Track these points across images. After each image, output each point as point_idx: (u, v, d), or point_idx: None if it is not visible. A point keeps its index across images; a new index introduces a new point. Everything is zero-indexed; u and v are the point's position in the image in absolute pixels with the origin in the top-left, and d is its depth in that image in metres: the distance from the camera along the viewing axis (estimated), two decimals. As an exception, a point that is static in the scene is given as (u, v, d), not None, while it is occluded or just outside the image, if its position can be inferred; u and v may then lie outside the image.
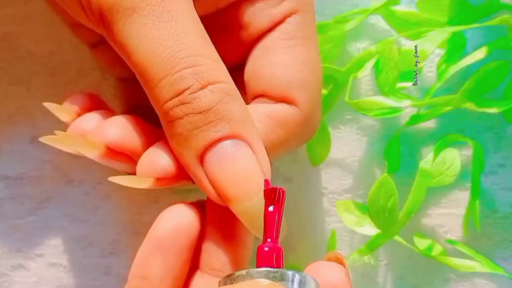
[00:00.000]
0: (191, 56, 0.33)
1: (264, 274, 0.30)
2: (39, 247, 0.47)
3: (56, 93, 0.46)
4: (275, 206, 0.32)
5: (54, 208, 0.47)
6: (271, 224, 0.32)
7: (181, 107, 0.32)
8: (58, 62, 0.47)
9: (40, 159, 0.47)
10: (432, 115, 0.44)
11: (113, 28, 0.34)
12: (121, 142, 0.36)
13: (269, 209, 0.32)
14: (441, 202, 0.46)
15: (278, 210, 0.32)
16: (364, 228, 0.44)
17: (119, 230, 0.47)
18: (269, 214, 0.32)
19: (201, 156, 0.33)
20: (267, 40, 0.38)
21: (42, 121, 0.46)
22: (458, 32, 0.43)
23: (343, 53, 0.46)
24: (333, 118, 0.46)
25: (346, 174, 0.47)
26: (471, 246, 0.45)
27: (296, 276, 0.30)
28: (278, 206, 0.32)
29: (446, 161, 0.41)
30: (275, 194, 0.32)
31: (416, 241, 0.45)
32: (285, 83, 0.37)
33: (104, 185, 0.47)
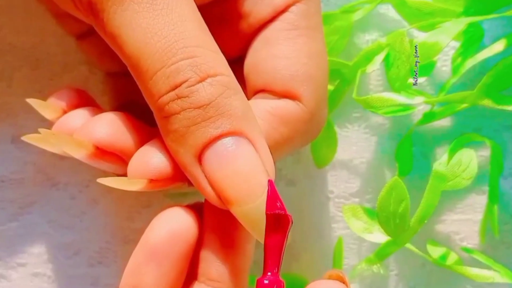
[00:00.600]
0: (188, 46, 0.32)
1: None
2: (21, 256, 0.47)
3: (39, 89, 0.46)
4: (278, 235, 0.32)
5: (37, 214, 0.47)
6: (273, 255, 0.32)
7: (178, 102, 0.32)
8: (41, 55, 0.47)
9: (22, 160, 0.46)
10: (447, 112, 0.44)
11: (103, 16, 0.33)
12: (111, 141, 0.36)
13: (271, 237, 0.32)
14: (457, 207, 0.46)
15: (282, 240, 0.32)
16: (373, 235, 0.44)
17: (107, 237, 0.47)
18: (271, 243, 0.32)
19: (199, 154, 0.33)
20: (269, 31, 0.38)
21: (24, 119, 0.46)
22: (475, 23, 0.43)
23: (351, 45, 0.46)
24: (340, 116, 0.46)
25: (354, 177, 0.47)
26: (488, 255, 0.45)
27: None
28: (282, 234, 0.32)
29: (462, 162, 0.41)
30: (279, 221, 0.32)
31: (429, 249, 0.45)
32: (288, 77, 0.37)
33: (91, 188, 0.47)
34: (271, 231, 0.32)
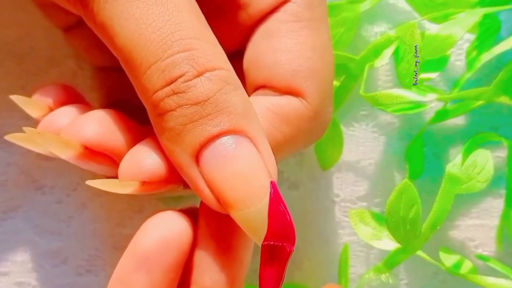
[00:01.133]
0: (185, 38, 0.32)
1: None
2: (3, 264, 0.47)
3: (24, 85, 0.46)
4: (276, 266, 0.32)
5: (21, 219, 0.47)
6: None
7: (174, 98, 0.32)
8: (26, 49, 0.46)
9: (5, 161, 0.46)
10: (461, 110, 0.44)
11: (93, 6, 0.33)
12: (100, 141, 0.36)
13: (267, 270, 0.32)
14: (471, 212, 0.46)
15: (280, 272, 0.32)
16: (381, 242, 0.44)
17: (96, 244, 0.47)
18: (267, 276, 0.32)
19: (197, 154, 0.32)
20: (270, 23, 0.38)
21: (7, 118, 0.46)
22: (491, 14, 0.43)
23: (358, 38, 0.46)
24: (346, 114, 0.46)
25: (361, 180, 0.47)
26: (505, 263, 0.45)
27: None
28: (280, 267, 0.32)
29: (477, 164, 0.41)
30: (277, 252, 0.32)
31: (442, 257, 0.45)
32: (291, 72, 0.37)
33: (79, 192, 0.46)
34: (268, 262, 0.32)
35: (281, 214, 0.32)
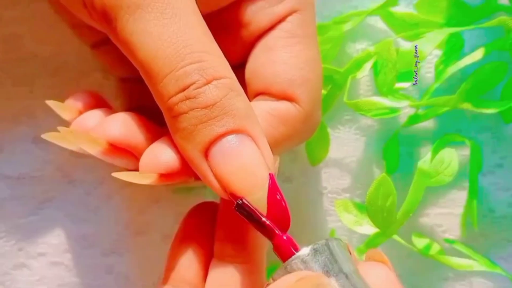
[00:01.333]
0: (195, 52, 0.32)
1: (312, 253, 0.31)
2: (41, 247, 0.46)
3: (58, 94, 0.45)
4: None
5: (55, 208, 0.46)
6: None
7: (186, 102, 0.32)
8: (60, 63, 0.46)
9: (42, 159, 0.46)
10: (430, 115, 0.44)
11: (117, 25, 0.33)
12: (123, 139, 0.36)
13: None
14: (439, 202, 0.46)
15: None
16: (363, 227, 0.43)
17: (120, 229, 0.46)
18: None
19: (206, 150, 0.32)
20: (268, 39, 0.38)
21: (44, 121, 0.45)
22: (456, 33, 0.43)
23: (342, 54, 0.46)
24: (332, 118, 0.46)
25: (345, 174, 0.46)
26: (469, 245, 0.44)
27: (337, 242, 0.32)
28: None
29: (444, 161, 0.41)
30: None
31: (414, 240, 0.44)
32: (286, 81, 0.37)
33: (105, 185, 0.46)
34: None
35: (278, 201, 0.32)
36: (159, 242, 0.46)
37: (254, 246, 0.37)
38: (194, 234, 0.38)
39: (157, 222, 0.46)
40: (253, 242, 0.37)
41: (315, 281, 0.30)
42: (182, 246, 0.38)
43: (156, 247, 0.46)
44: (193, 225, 0.39)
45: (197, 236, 0.38)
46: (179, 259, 0.38)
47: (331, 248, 0.31)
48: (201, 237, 0.38)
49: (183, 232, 0.39)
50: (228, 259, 0.36)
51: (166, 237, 0.45)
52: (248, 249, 0.37)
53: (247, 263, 0.37)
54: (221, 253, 0.37)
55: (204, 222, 0.39)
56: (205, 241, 0.38)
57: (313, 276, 0.30)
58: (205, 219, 0.39)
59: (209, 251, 0.38)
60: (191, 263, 0.37)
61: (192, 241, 0.38)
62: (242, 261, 0.36)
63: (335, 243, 0.32)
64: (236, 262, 0.36)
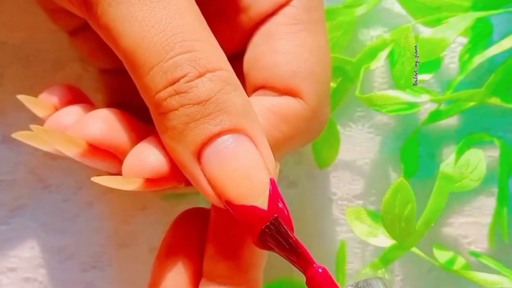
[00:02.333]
0: (186, 40, 0.32)
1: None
2: (12, 260, 0.47)
3: (30, 86, 0.45)
4: None
5: (29, 217, 0.47)
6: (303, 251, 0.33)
7: (176, 97, 0.32)
8: (32, 51, 0.46)
9: (13, 161, 0.46)
10: (454, 111, 0.44)
11: (98, 9, 0.33)
12: (105, 138, 0.36)
13: None
14: (464, 210, 0.46)
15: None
16: (377, 239, 0.43)
17: (101, 241, 0.47)
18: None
19: (198, 152, 0.32)
20: (269, 25, 0.38)
21: (15, 118, 0.46)
22: (484, 18, 0.43)
23: (354, 41, 0.46)
24: (343, 114, 0.46)
25: (357, 178, 0.46)
26: (497, 259, 0.45)
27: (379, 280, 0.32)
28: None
29: (470, 163, 0.41)
30: None
31: (436, 253, 0.45)
32: (289, 73, 0.37)
33: (85, 190, 0.46)
34: None
35: (280, 210, 0.32)
36: (146, 255, 0.46)
37: (250, 264, 0.36)
38: (182, 245, 0.38)
39: (143, 233, 0.46)
40: (248, 260, 0.36)
41: None
42: (169, 259, 0.37)
43: (143, 260, 0.46)
44: (181, 235, 0.38)
45: (186, 247, 0.38)
46: (165, 274, 0.37)
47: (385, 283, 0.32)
48: (190, 249, 0.38)
49: (169, 242, 0.38)
50: (220, 279, 0.36)
51: (154, 249, 0.45)
52: (243, 268, 0.36)
53: (242, 285, 0.36)
54: (212, 273, 0.36)
55: (193, 231, 0.38)
56: (194, 254, 0.37)
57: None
58: (194, 228, 0.38)
59: (199, 265, 0.38)
60: (178, 280, 0.37)
61: (179, 253, 0.37)
62: (236, 282, 0.36)
63: (379, 282, 0.32)
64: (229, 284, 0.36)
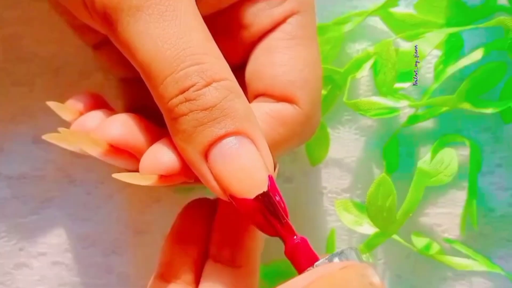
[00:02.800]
0: (195, 54, 0.32)
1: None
2: (41, 246, 0.47)
3: (59, 94, 0.45)
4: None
5: (56, 208, 0.47)
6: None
7: (186, 104, 0.32)
8: (61, 63, 0.46)
9: (42, 159, 0.46)
10: (430, 115, 0.44)
11: (117, 27, 0.33)
12: (124, 140, 0.36)
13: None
14: (439, 202, 0.46)
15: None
16: (362, 227, 0.43)
17: (121, 229, 0.47)
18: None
19: (206, 152, 0.32)
20: (268, 40, 0.38)
21: (44, 121, 0.46)
22: (456, 33, 0.43)
23: (342, 54, 0.46)
24: (332, 118, 0.46)
25: (345, 174, 0.46)
26: (468, 245, 0.45)
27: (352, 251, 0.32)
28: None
29: (444, 161, 0.41)
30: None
31: (414, 240, 0.45)
32: (286, 82, 0.37)
33: (106, 184, 0.46)
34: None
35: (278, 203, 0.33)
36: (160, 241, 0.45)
37: (250, 249, 0.37)
38: (190, 230, 0.39)
39: (157, 222, 0.47)
40: (250, 246, 0.37)
41: (360, 271, 0.30)
42: (177, 242, 0.39)
43: (157, 246, 0.45)
44: (189, 221, 0.39)
45: (192, 233, 0.39)
46: (173, 255, 0.38)
47: (358, 253, 0.32)
48: (196, 235, 0.39)
49: (178, 227, 0.39)
50: (224, 262, 0.37)
51: (167, 236, 0.46)
52: (244, 252, 0.37)
53: (243, 267, 0.37)
54: (217, 256, 0.37)
55: (199, 219, 0.39)
56: (200, 239, 0.38)
57: (359, 265, 0.30)
58: (201, 216, 0.39)
59: (204, 249, 0.38)
60: (185, 261, 0.38)
61: (187, 238, 0.38)
62: (239, 264, 0.37)
63: (353, 252, 0.32)
64: (232, 266, 0.37)
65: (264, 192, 0.32)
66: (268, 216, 0.33)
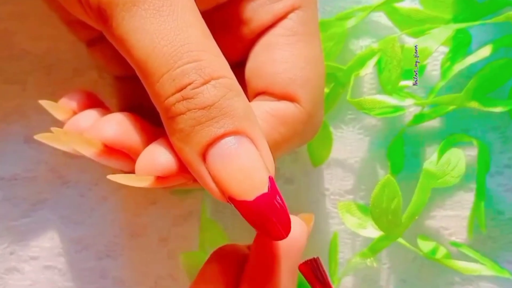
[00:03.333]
0: (193, 50, 0.32)
1: None
2: (33, 250, 0.47)
3: (51, 92, 0.45)
4: None
5: (49, 210, 0.47)
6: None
7: (183, 103, 0.32)
8: (54, 60, 0.46)
9: (35, 159, 0.46)
10: (436, 114, 0.44)
11: (112, 22, 0.33)
12: (119, 140, 0.36)
13: None
14: (446, 204, 0.46)
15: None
16: (366, 230, 0.43)
17: (115, 232, 0.47)
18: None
19: (204, 152, 0.32)
20: (269, 36, 0.38)
21: (37, 121, 0.46)
22: (463, 29, 0.43)
23: (345, 51, 0.46)
24: (335, 117, 0.46)
25: (348, 175, 0.46)
26: (476, 249, 0.45)
27: None
28: None
29: (451, 161, 0.41)
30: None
31: (420, 243, 0.45)
32: (287, 80, 0.37)
33: (100, 186, 0.46)
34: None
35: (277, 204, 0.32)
36: (156, 244, 0.46)
37: None
38: (217, 279, 0.37)
39: (153, 224, 0.47)
40: None
41: None
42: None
43: (153, 250, 0.46)
44: (217, 269, 0.37)
45: (220, 282, 0.37)
46: None
47: None
48: (223, 284, 0.37)
49: (205, 274, 0.37)
50: None
51: (163, 239, 0.46)
52: None
53: None
54: None
55: (229, 267, 0.37)
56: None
57: None
58: (230, 264, 0.37)
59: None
60: None
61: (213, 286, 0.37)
62: None
63: None
64: None
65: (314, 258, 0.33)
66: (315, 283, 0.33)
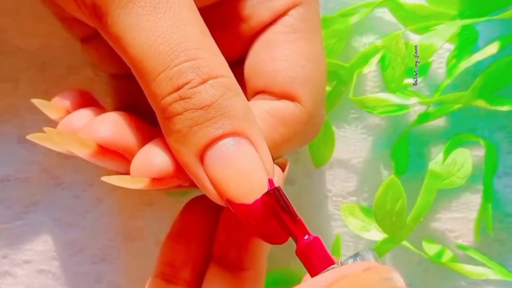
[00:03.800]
0: (190, 49, 0.32)
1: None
2: (26, 253, 0.47)
3: (45, 90, 0.46)
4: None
5: (42, 212, 0.47)
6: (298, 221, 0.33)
7: (181, 103, 0.32)
8: (47, 58, 0.46)
9: (27, 160, 0.46)
10: (442, 113, 0.44)
11: (107, 20, 0.33)
12: (114, 140, 0.36)
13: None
14: (452, 206, 0.46)
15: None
16: (370, 233, 0.44)
17: (111, 235, 0.47)
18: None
19: (201, 154, 0.32)
20: (269, 34, 0.38)
21: (30, 120, 0.46)
22: (469, 25, 0.43)
23: (348, 48, 0.46)
24: (337, 116, 0.46)
25: (351, 176, 0.47)
26: (483, 252, 0.45)
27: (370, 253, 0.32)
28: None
29: (457, 162, 0.41)
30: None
31: (425, 246, 0.45)
32: (287, 79, 0.37)
33: (95, 187, 0.47)
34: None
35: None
36: (153, 248, 0.46)
37: (258, 251, 0.37)
38: (192, 228, 0.39)
39: (150, 227, 0.47)
40: (256, 249, 0.37)
41: (383, 275, 0.29)
42: (178, 240, 0.39)
43: (149, 253, 0.46)
44: (192, 219, 0.39)
45: (195, 231, 0.39)
46: (174, 254, 0.38)
47: (375, 255, 0.32)
48: (199, 233, 0.39)
49: (180, 225, 0.39)
50: (229, 264, 0.37)
51: (160, 243, 0.45)
52: (251, 254, 0.37)
53: (250, 270, 0.37)
54: (222, 257, 0.38)
55: (204, 216, 0.39)
56: (203, 238, 0.39)
57: (383, 268, 0.30)
58: (205, 214, 0.39)
59: (207, 249, 0.39)
60: (186, 260, 0.38)
61: (189, 236, 0.39)
62: (245, 267, 0.37)
63: (370, 254, 0.32)
64: (237, 269, 0.37)
65: (275, 187, 0.32)
66: (280, 212, 0.33)
